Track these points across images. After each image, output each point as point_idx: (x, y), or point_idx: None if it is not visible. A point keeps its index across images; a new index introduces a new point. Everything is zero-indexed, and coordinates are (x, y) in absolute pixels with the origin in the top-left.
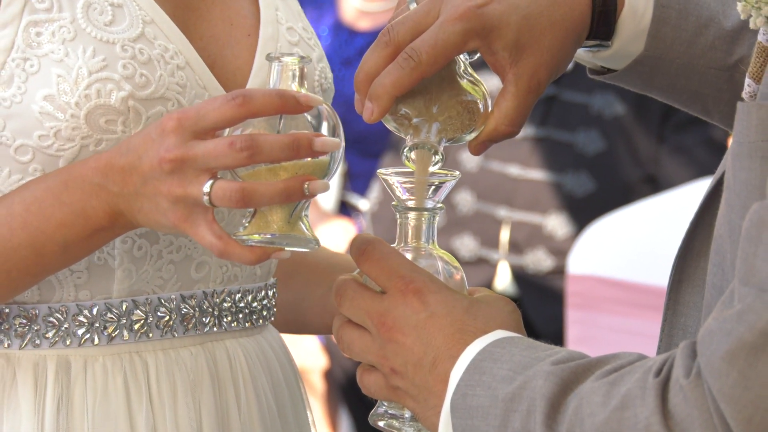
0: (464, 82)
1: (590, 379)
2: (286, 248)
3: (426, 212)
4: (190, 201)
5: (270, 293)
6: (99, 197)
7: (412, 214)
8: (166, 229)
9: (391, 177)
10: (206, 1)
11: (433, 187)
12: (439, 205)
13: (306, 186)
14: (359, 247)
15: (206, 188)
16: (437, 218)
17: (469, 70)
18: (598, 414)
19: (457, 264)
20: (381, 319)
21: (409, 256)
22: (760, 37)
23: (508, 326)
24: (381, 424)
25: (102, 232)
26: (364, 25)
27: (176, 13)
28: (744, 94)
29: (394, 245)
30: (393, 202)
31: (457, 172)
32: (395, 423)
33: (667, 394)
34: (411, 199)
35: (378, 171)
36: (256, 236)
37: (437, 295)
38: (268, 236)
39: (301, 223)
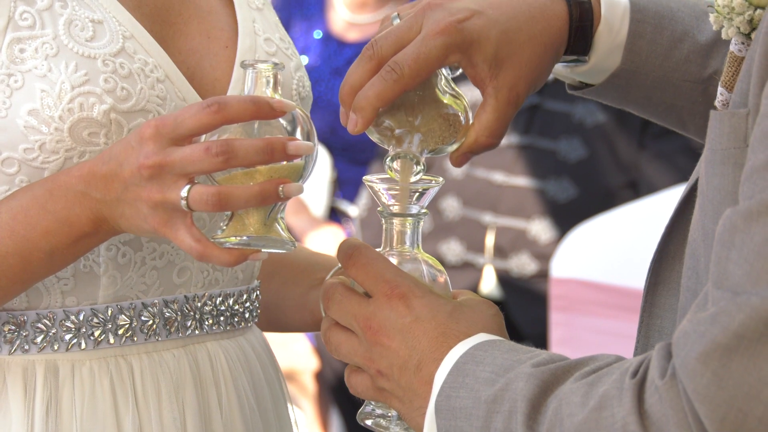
0: (445, 96)
1: (569, 381)
2: (263, 250)
3: (411, 218)
4: (169, 206)
5: (253, 296)
6: (82, 205)
7: (397, 220)
8: (148, 234)
9: (377, 184)
10: (183, 15)
11: (417, 194)
12: (423, 210)
13: (281, 189)
14: (346, 252)
15: (183, 193)
16: (422, 223)
17: (451, 84)
18: (577, 414)
19: (441, 267)
20: (367, 322)
21: (394, 260)
22: (732, 47)
23: (490, 329)
24: (368, 422)
25: (86, 239)
26: (352, 36)
27: (154, 28)
28: (717, 103)
29: (380, 249)
30: (378, 208)
31: (441, 179)
32: (382, 422)
33: (643, 394)
34: (396, 205)
35: (364, 178)
36: (233, 239)
37: (422, 300)
38: (245, 238)
39: (277, 225)
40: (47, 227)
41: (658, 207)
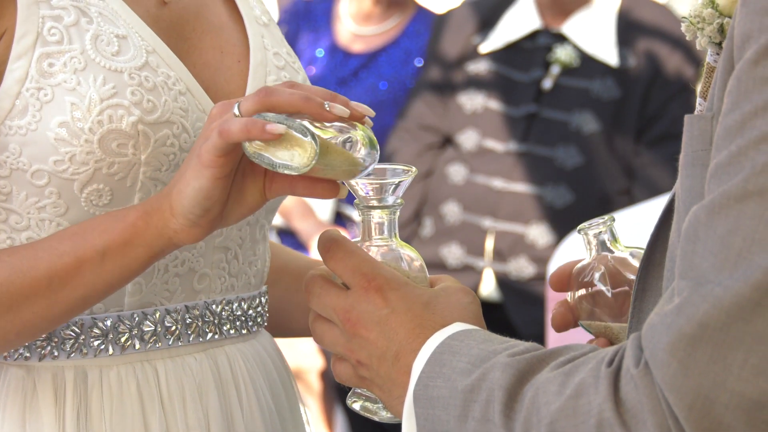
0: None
1: (546, 370)
2: (283, 131)
3: (387, 209)
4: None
5: (263, 300)
6: (143, 203)
7: (374, 212)
8: (189, 190)
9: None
10: (197, 31)
11: (393, 186)
12: (399, 201)
13: (327, 104)
14: (324, 244)
15: (236, 110)
16: (398, 213)
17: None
18: (554, 402)
19: (417, 254)
20: (346, 315)
21: (373, 250)
22: (708, 58)
23: (466, 318)
24: (356, 406)
25: (136, 241)
26: (358, 47)
27: (170, 43)
28: (696, 113)
29: (358, 241)
30: (355, 201)
31: (414, 168)
32: (370, 405)
33: (618, 382)
34: (373, 198)
35: None
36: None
37: (397, 292)
38: (279, 116)
39: (315, 136)
40: (105, 226)
41: (653, 213)
